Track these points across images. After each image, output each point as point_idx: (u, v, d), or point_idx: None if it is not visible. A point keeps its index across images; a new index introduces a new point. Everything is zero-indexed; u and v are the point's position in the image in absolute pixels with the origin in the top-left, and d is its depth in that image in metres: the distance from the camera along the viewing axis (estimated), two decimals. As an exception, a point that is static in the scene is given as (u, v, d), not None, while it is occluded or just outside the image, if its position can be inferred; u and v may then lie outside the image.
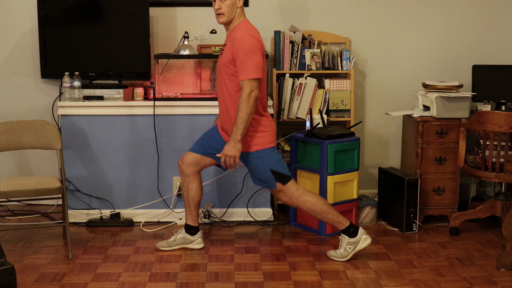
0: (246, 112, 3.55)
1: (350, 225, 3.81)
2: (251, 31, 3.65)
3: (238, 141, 3.59)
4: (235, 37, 3.63)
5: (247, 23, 3.71)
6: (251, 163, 3.77)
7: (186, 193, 3.98)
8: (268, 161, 3.73)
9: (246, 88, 3.55)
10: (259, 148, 3.72)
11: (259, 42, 3.64)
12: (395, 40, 4.97)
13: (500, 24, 4.98)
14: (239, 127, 3.57)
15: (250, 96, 3.54)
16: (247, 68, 3.55)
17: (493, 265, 3.76)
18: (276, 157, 3.76)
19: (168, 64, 4.66)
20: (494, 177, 4.17)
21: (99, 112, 4.46)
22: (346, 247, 3.81)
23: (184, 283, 3.51)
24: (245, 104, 3.55)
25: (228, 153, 3.61)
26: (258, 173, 3.77)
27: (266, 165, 3.73)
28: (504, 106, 4.66)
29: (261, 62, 3.60)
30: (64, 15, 4.62)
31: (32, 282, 3.50)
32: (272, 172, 3.73)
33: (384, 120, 5.04)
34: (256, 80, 3.57)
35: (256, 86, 3.57)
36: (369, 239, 3.82)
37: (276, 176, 3.74)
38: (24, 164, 4.92)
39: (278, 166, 3.75)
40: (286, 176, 3.77)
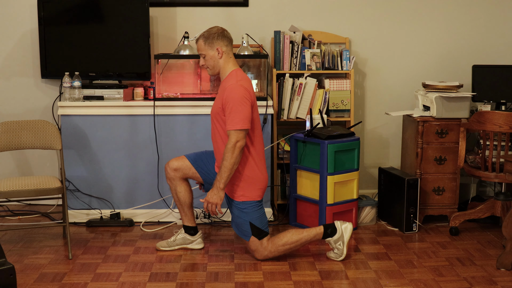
0: (231, 162, 3.59)
1: (325, 227, 3.83)
2: (241, 81, 3.67)
3: (221, 189, 3.64)
4: (225, 87, 3.68)
5: (238, 72, 3.74)
6: (234, 211, 3.81)
7: (176, 196, 4.00)
8: (250, 214, 3.76)
9: (232, 138, 3.59)
10: (244, 199, 3.75)
11: (248, 92, 3.66)
12: (395, 40, 4.97)
13: (500, 24, 4.98)
14: (222, 176, 3.62)
15: (235, 146, 3.58)
16: (234, 118, 3.59)
17: (493, 265, 3.76)
18: (259, 212, 3.79)
19: (168, 64, 4.66)
20: (494, 177, 4.17)
21: (99, 112, 4.46)
22: (337, 246, 3.83)
23: (184, 283, 3.51)
24: (229, 153, 3.59)
25: (211, 200, 3.65)
26: (238, 222, 3.80)
27: (247, 218, 3.75)
28: (504, 106, 4.66)
29: (249, 112, 3.63)
30: (64, 15, 4.62)
31: (32, 282, 3.50)
32: (250, 225, 3.75)
33: (384, 120, 5.04)
34: (243, 131, 3.60)
35: (243, 136, 3.60)
36: (349, 225, 3.82)
37: (253, 230, 3.76)
38: (24, 164, 4.92)
39: (258, 222, 3.77)
40: (263, 232, 3.79)
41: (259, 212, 3.79)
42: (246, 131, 3.64)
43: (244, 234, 3.79)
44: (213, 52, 3.72)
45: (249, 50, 4.56)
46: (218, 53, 3.72)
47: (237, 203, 3.76)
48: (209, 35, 3.72)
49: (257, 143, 3.77)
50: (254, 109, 3.71)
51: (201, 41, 3.74)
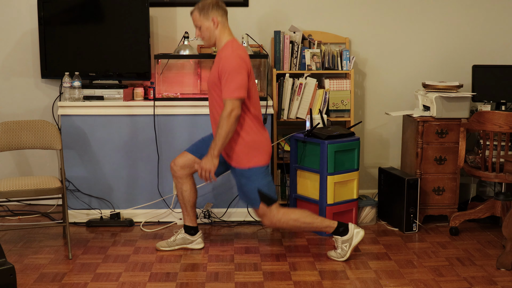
0: (225, 130, 3.58)
1: (339, 224, 3.82)
2: (237, 50, 3.67)
3: (215, 156, 3.63)
4: (221, 56, 3.67)
5: (234, 42, 3.73)
6: (240, 180, 3.77)
7: (180, 195, 3.99)
8: (257, 181, 3.73)
9: (227, 106, 3.58)
10: (251, 165, 3.72)
11: (244, 61, 3.65)
12: (395, 40, 4.97)
13: (500, 24, 4.98)
14: (217, 143, 3.61)
15: (230, 115, 3.57)
16: (230, 87, 3.58)
17: (493, 265, 3.76)
18: (266, 178, 3.76)
19: (168, 64, 4.66)
20: (494, 177, 4.17)
21: (99, 112, 4.46)
22: (342, 246, 3.82)
23: (184, 283, 3.51)
24: (224, 121, 3.58)
25: (204, 166, 3.64)
26: (245, 191, 3.78)
27: (255, 185, 3.73)
28: (504, 106, 4.66)
29: (245, 81, 3.62)
30: (64, 15, 4.62)
31: (32, 282, 3.50)
32: (259, 192, 3.74)
33: (384, 120, 5.04)
34: (238, 100, 3.59)
35: (238, 105, 3.59)
36: (361, 231, 3.83)
37: (262, 197, 3.74)
38: (24, 164, 4.92)
39: (267, 188, 3.75)
40: (272, 199, 3.77)
41: (266, 178, 3.76)
42: (242, 99, 3.62)
43: (253, 203, 3.76)
44: (208, 22, 3.71)
45: (249, 50, 4.56)
46: (214, 23, 3.70)
47: (244, 171, 3.72)
48: (203, 6, 3.71)
49: (255, 110, 3.74)
50: (250, 77, 3.69)
51: (196, 12, 3.73)
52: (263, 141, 3.76)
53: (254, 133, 3.72)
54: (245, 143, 3.70)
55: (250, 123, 3.71)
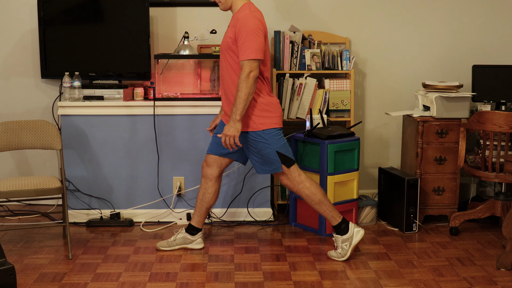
0: (245, 92, 3.54)
1: (342, 220, 3.82)
2: (255, 12, 3.64)
3: (238, 120, 3.58)
4: (238, 17, 3.63)
5: (251, 5, 3.70)
6: (257, 145, 3.74)
7: (202, 195, 3.97)
8: (274, 143, 3.72)
9: (245, 68, 3.55)
10: (265, 127, 3.70)
11: (261, 23, 3.63)
12: (395, 40, 4.97)
13: (500, 24, 4.98)
14: (238, 107, 3.56)
15: (249, 76, 3.54)
16: (248, 48, 3.55)
17: (493, 265, 3.76)
18: (282, 140, 3.76)
19: (168, 64, 4.66)
20: (494, 177, 4.17)
21: (99, 112, 4.46)
22: (342, 246, 3.81)
23: (184, 283, 3.51)
24: (244, 84, 3.54)
25: (228, 132, 3.60)
26: (264, 155, 3.75)
27: (272, 147, 3.72)
28: (504, 106, 4.66)
29: (263, 43, 3.60)
30: (64, 15, 4.62)
31: (32, 282, 3.50)
32: (278, 154, 3.72)
33: (384, 120, 5.04)
34: (257, 61, 3.56)
35: (256, 66, 3.56)
36: (361, 230, 3.83)
37: (282, 158, 3.73)
38: (24, 164, 4.92)
39: (284, 149, 3.75)
40: (291, 159, 3.77)
41: (282, 140, 3.75)
42: (260, 61, 3.59)
43: (274, 167, 3.75)
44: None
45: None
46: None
47: (259, 133, 3.70)
48: None
49: (267, 76, 3.73)
50: (266, 42, 3.67)
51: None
52: (275, 104, 3.76)
53: (266, 96, 3.72)
54: (258, 106, 3.69)
55: (263, 86, 3.71)
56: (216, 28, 4.64)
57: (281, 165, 3.75)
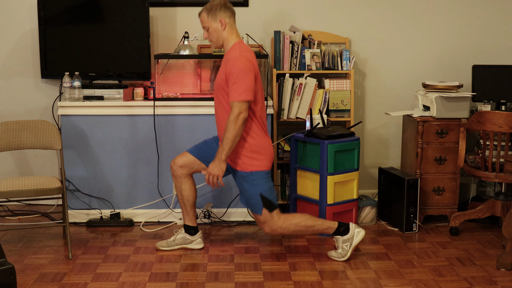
0: (233, 133, 3.57)
1: (339, 224, 3.82)
2: (245, 53, 3.66)
3: (223, 161, 3.62)
4: (228, 58, 3.66)
5: (241, 44, 3.72)
6: (243, 184, 3.77)
7: (180, 194, 3.99)
8: (260, 186, 3.73)
9: (235, 109, 3.57)
10: (254, 169, 3.72)
11: (251, 64, 3.64)
12: (395, 40, 4.97)
13: (500, 24, 4.98)
14: (224, 148, 3.60)
15: (238, 117, 3.56)
16: (237, 89, 3.57)
17: (493, 265, 3.76)
18: (268, 183, 3.76)
19: (168, 64, 4.66)
20: (494, 177, 4.17)
21: (99, 112, 4.46)
22: (343, 246, 3.82)
23: (184, 283, 3.51)
24: (232, 125, 3.57)
25: (212, 171, 3.63)
26: (248, 196, 3.77)
27: (257, 189, 3.73)
28: (504, 106, 4.66)
29: (253, 84, 3.61)
30: (64, 15, 4.62)
31: (32, 282, 3.50)
32: (261, 197, 3.73)
33: (384, 120, 5.04)
34: (246, 102, 3.59)
35: (246, 108, 3.58)
36: (362, 231, 3.83)
37: (264, 202, 3.73)
38: (24, 164, 4.92)
39: (268, 193, 3.75)
40: (274, 204, 3.77)
41: (268, 183, 3.76)
42: (249, 102, 3.61)
43: (255, 208, 3.75)
44: (216, 24, 3.69)
45: (249, 50, 4.56)
46: (222, 24, 3.69)
47: (246, 174, 3.72)
48: (211, 7, 3.69)
49: (260, 114, 3.74)
50: (257, 81, 3.68)
51: (204, 14, 3.71)
52: (267, 146, 3.75)
53: (258, 138, 3.72)
54: (249, 147, 3.70)
55: (255, 127, 3.71)
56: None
57: (261, 208, 3.74)
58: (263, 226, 3.80)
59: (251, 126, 3.69)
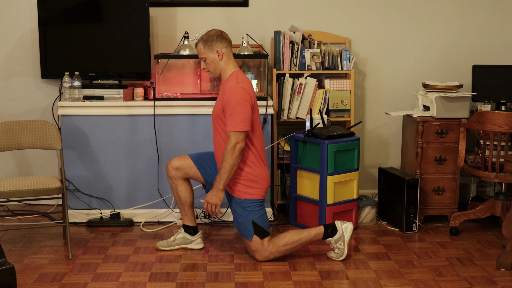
0: (230, 163, 3.62)
1: (325, 227, 3.83)
2: (241, 83, 3.69)
3: (221, 190, 3.67)
4: (225, 89, 3.70)
5: (239, 74, 3.75)
6: (236, 209, 3.80)
7: (176, 195, 4.00)
8: (253, 213, 3.76)
9: (231, 139, 3.61)
10: (247, 197, 3.76)
11: (248, 94, 3.67)
12: (395, 40, 4.97)
13: (500, 24, 4.98)
14: (222, 177, 3.65)
15: (235, 148, 3.61)
16: (234, 120, 3.61)
17: (493, 265, 3.76)
18: (261, 211, 3.80)
19: (168, 64, 4.66)
20: (494, 177, 4.17)
21: (99, 112, 4.46)
22: (337, 246, 3.83)
23: (184, 283, 3.51)
24: (229, 155, 3.61)
25: (210, 200, 3.68)
26: (240, 221, 3.79)
27: (250, 216, 3.76)
28: (504, 106, 4.66)
29: (249, 114, 3.65)
30: (64, 15, 4.62)
31: (32, 282, 3.50)
32: (253, 224, 3.75)
33: (384, 120, 5.04)
34: (243, 133, 3.62)
35: (242, 138, 3.62)
36: (349, 224, 3.83)
37: (256, 229, 3.76)
38: (24, 164, 4.92)
39: (260, 221, 3.77)
40: (265, 232, 3.79)
41: (261, 211, 3.80)
42: (246, 132, 3.66)
43: (246, 234, 3.79)
44: (213, 54, 3.74)
45: (249, 50, 4.56)
46: (219, 55, 3.73)
47: (240, 201, 3.76)
48: (208, 38, 3.74)
49: (258, 143, 3.78)
50: (254, 110, 3.73)
51: (200, 45, 3.76)
52: (263, 176, 3.79)
53: (255, 167, 3.76)
54: (245, 175, 3.75)
55: (252, 157, 3.75)
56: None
57: (252, 234, 3.76)
58: (255, 255, 3.82)
59: (247, 155, 3.74)
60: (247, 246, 3.87)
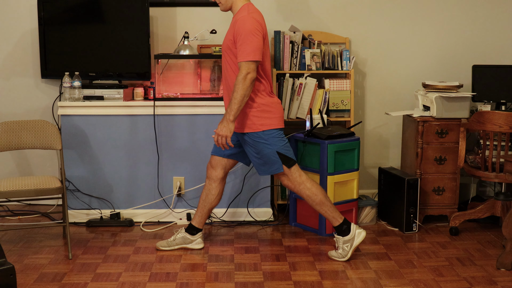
0: (241, 93, 3.55)
1: (344, 221, 3.82)
2: (253, 14, 3.65)
3: (231, 121, 3.59)
4: (236, 19, 3.65)
5: (250, 6, 3.71)
6: (257, 146, 3.73)
7: (205, 196, 3.98)
8: (275, 143, 3.72)
9: (243, 69, 3.56)
10: (266, 128, 3.70)
11: (260, 24, 3.63)
12: (395, 40, 4.97)
13: (500, 24, 4.98)
14: (232, 108, 3.57)
15: (246, 77, 3.55)
16: (245, 49, 3.56)
17: (493, 265, 3.76)
18: (283, 140, 3.75)
19: (168, 64, 4.66)
20: (494, 177, 4.17)
21: (99, 112, 4.46)
22: (343, 247, 3.81)
23: (184, 283, 3.51)
24: (240, 85, 3.55)
25: (220, 132, 3.61)
26: (264, 156, 3.74)
27: (273, 148, 3.71)
28: (504, 106, 4.66)
29: (261, 44, 3.60)
30: (64, 15, 4.62)
31: (32, 282, 3.50)
32: (278, 154, 3.72)
33: (384, 120, 5.04)
34: (254, 62, 3.57)
35: (254, 68, 3.57)
36: (363, 232, 3.83)
37: (282, 158, 3.72)
38: (24, 164, 4.92)
39: (285, 150, 3.74)
40: (292, 159, 3.76)
41: (283, 140, 3.75)
42: (257, 63, 3.60)
43: (274, 168, 3.74)
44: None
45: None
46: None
47: (259, 134, 3.69)
48: None
49: (267, 76, 3.73)
50: (265, 43, 3.67)
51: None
52: (275, 104, 3.76)
53: (265, 98, 3.72)
54: (258, 107, 3.69)
55: (263, 88, 3.71)
56: (216, 28, 4.64)
57: (281, 166, 3.74)
58: (282, 179, 3.81)
59: (259, 87, 3.69)
60: (279, 179, 3.84)
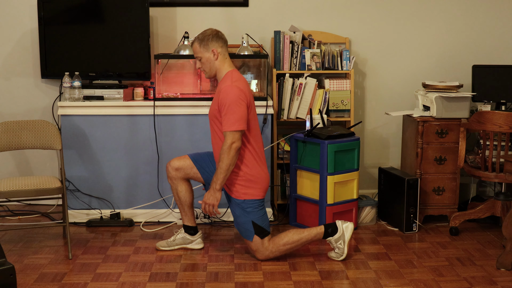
0: (227, 163, 3.61)
1: (326, 227, 3.83)
2: (236, 82, 3.68)
3: (218, 190, 3.66)
4: (220, 88, 3.70)
5: (234, 73, 3.75)
6: (236, 210, 3.80)
7: (176, 196, 4.00)
8: (253, 213, 3.76)
9: (227, 139, 3.61)
10: (247, 197, 3.75)
11: (243, 93, 3.67)
12: (395, 40, 4.97)
13: (500, 24, 4.98)
14: (219, 177, 3.64)
15: (231, 147, 3.60)
16: (230, 119, 3.61)
17: (493, 265, 3.76)
18: (261, 211, 3.79)
19: (168, 64, 4.66)
20: (494, 177, 4.17)
21: (99, 112, 4.46)
22: (337, 245, 3.83)
23: (184, 283, 3.51)
24: (225, 155, 3.61)
25: (208, 201, 3.68)
26: (240, 222, 3.80)
27: (250, 217, 3.76)
28: (504, 106, 4.66)
29: (245, 113, 3.64)
30: (64, 15, 4.62)
31: (32, 282, 3.50)
32: (253, 224, 3.75)
33: (384, 120, 5.04)
34: (239, 132, 3.62)
35: (238, 137, 3.62)
36: (350, 224, 3.84)
37: (256, 229, 3.76)
38: (24, 164, 4.92)
39: (260, 221, 3.77)
40: (265, 231, 3.79)
41: (261, 211, 3.80)
42: (242, 132, 3.65)
43: (247, 234, 3.79)
44: (208, 54, 3.74)
45: (249, 50, 4.56)
46: (214, 54, 3.73)
47: (240, 201, 3.76)
48: (203, 37, 3.74)
49: (255, 142, 3.77)
50: (250, 109, 3.72)
51: (196, 44, 3.76)
52: (261, 176, 3.79)
53: (253, 167, 3.75)
54: (243, 175, 3.74)
55: (250, 156, 3.75)
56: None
57: (253, 235, 3.77)
58: (255, 255, 3.83)
59: (244, 155, 3.73)
60: (247, 245, 3.87)
